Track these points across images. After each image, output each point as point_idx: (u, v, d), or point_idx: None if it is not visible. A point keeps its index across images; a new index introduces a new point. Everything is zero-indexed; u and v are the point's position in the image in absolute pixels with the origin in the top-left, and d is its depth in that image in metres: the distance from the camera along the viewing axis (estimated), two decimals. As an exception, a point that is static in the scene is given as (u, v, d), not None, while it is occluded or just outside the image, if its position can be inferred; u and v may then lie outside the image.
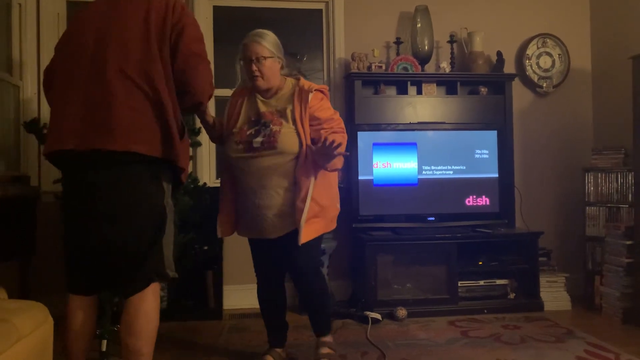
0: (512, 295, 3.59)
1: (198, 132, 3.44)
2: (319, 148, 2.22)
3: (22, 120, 3.35)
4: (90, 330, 1.99)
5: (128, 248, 1.87)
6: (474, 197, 3.69)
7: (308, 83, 2.41)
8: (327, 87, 2.52)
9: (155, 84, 1.85)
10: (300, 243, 2.27)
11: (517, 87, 4.01)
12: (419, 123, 3.75)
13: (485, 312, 3.48)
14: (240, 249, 2.89)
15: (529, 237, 3.64)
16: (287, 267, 2.49)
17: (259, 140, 2.29)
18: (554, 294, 3.62)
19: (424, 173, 3.65)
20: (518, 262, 3.61)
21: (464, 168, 3.69)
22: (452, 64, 3.91)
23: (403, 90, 3.86)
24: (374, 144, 3.60)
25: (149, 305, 1.90)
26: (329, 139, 2.17)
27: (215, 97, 3.59)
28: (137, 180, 1.86)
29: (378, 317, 3.28)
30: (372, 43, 3.90)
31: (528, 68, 4.08)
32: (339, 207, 2.51)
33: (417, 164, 3.64)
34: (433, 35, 3.85)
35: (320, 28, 4.03)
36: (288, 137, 2.29)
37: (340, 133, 2.38)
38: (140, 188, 1.87)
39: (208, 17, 3.86)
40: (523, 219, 3.92)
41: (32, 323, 1.93)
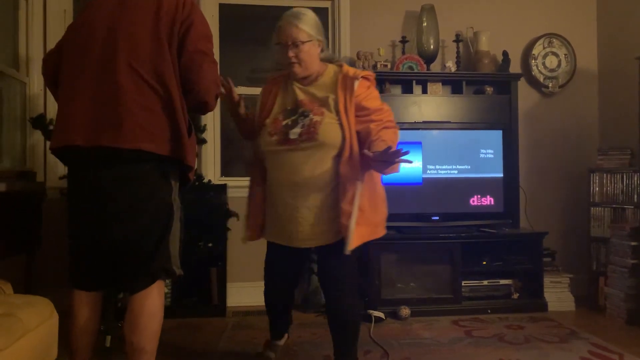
0: (516, 296, 3.58)
1: (203, 129, 3.45)
2: (378, 154, 1.92)
3: (28, 116, 3.36)
4: (95, 327, 1.99)
5: (135, 245, 1.87)
6: (479, 196, 3.69)
7: (353, 69, 2.16)
8: (374, 74, 2.21)
9: (165, 81, 1.84)
10: (349, 251, 2.01)
11: (522, 86, 4.00)
12: (424, 122, 3.75)
13: (489, 312, 3.47)
14: (245, 247, 2.88)
15: (534, 237, 3.64)
16: (322, 284, 2.23)
17: (297, 132, 2.04)
18: (558, 295, 3.61)
19: (429, 172, 3.65)
20: (522, 262, 3.61)
21: (469, 167, 3.68)
22: (457, 63, 3.90)
23: (408, 89, 3.85)
24: (379, 143, 3.59)
25: (154, 303, 1.90)
26: (384, 140, 1.96)
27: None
28: (145, 178, 1.86)
29: (381, 316, 3.28)
30: (377, 42, 3.90)
31: (534, 68, 4.07)
32: (386, 210, 2.22)
33: (421, 163, 3.63)
34: (439, 35, 3.85)
35: (326, 26, 4.02)
36: (330, 128, 2.04)
37: (392, 128, 2.12)
38: (149, 186, 1.87)
39: (214, 14, 3.86)
40: (527, 219, 3.91)
41: (37, 318, 1.95)
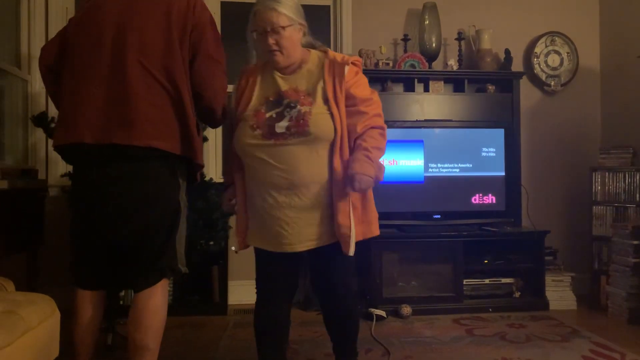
0: (517, 294, 3.58)
1: (204, 127, 3.45)
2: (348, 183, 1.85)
3: (30, 114, 3.36)
4: (98, 325, 1.99)
5: (143, 243, 1.87)
6: (480, 195, 3.68)
7: (340, 54, 2.00)
8: (361, 59, 2.06)
9: (176, 81, 1.84)
10: (352, 251, 1.88)
11: (524, 85, 4.00)
12: (426, 120, 3.75)
13: (491, 310, 3.47)
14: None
15: (535, 235, 3.63)
16: (318, 288, 2.09)
17: (284, 125, 1.85)
18: (560, 293, 3.60)
19: (430, 171, 3.64)
20: (524, 260, 3.60)
21: (471, 166, 3.68)
22: (459, 62, 3.90)
23: (410, 88, 3.85)
24: (381, 141, 3.59)
25: (158, 301, 1.90)
26: (357, 171, 1.82)
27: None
28: (155, 176, 1.86)
29: (383, 314, 3.28)
30: (379, 40, 3.90)
31: (536, 66, 4.06)
32: (375, 208, 2.07)
33: (423, 162, 3.63)
34: (441, 33, 3.84)
35: (328, 24, 4.02)
36: (321, 119, 1.87)
37: (379, 129, 1.95)
38: (158, 184, 1.87)
39: (216, 12, 3.86)
40: (529, 218, 3.91)
41: (39, 315, 1.95)
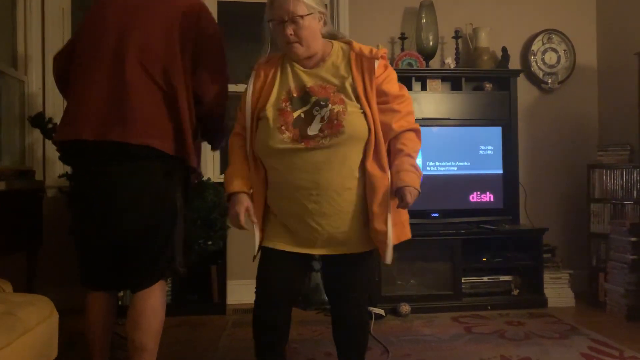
0: (516, 292, 3.58)
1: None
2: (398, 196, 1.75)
3: (27, 115, 3.35)
4: (110, 325, 2.02)
5: (140, 243, 1.87)
6: (478, 193, 3.68)
7: (367, 47, 1.86)
8: (386, 51, 1.88)
9: (173, 82, 1.87)
10: (390, 259, 1.77)
11: (522, 83, 4.00)
12: (423, 119, 3.74)
13: (489, 308, 3.48)
14: (244, 244, 2.89)
15: (534, 233, 3.64)
16: (334, 294, 1.96)
17: (317, 126, 1.71)
18: (558, 291, 3.61)
19: (428, 169, 3.64)
20: (522, 258, 3.61)
21: (469, 164, 3.68)
22: (456, 60, 3.90)
23: (407, 86, 3.76)
24: (378, 140, 3.59)
25: (156, 301, 1.91)
26: (411, 165, 1.75)
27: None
28: (151, 175, 1.87)
29: (382, 312, 3.28)
30: (376, 38, 3.89)
31: (533, 64, 4.06)
32: None
33: (421, 160, 3.63)
34: (438, 31, 3.84)
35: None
36: (356, 118, 1.73)
37: (414, 131, 1.83)
38: (154, 183, 1.88)
39: (213, 12, 3.84)
40: (527, 216, 3.91)
41: (37, 316, 1.94)
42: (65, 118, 1.92)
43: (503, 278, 3.60)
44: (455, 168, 3.67)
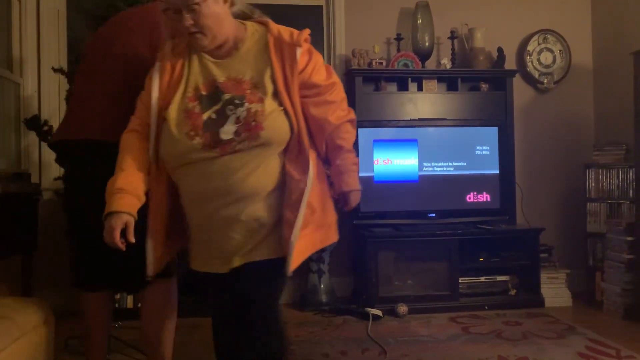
0: (513, 292, 3.59)
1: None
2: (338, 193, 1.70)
3: (22, 118, 3.34)
4: (107, 326, 2.06)
5: (138, 242, 1.88)
6: (475, 193, 3.69)
7: (287, 29, 1.59)
8: (308, 30, 1.63)
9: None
10: (292, 269, 1.52)
11: (518, 83, 4.00)
12: (420, 119, 3.75)
13: (486, 308, 3.48)
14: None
15: (530, 233, 3.64)
16: (232, 326, 1.75)
17: (231, 129, 1.47)
18: (555, 290, 3.62)
19: (425, 169, 3.65)
20: (519, 258, 3.61)
21: (465, 164, 3.68)
22: (452, 60, 3.90)
23: (404, 87, 3.85)
24: (375, 141, 3.60)
25: (168, 299, 1.97)
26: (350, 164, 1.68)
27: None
28: None
29: (379, 313, 3.28)
30: (372, 39, 3.90)
31: (529, 64, 4.07)
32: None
33: (417, 161, 3.63)
34: (434, 31, 3.84)
35: (321, 24, 4.02)
36: (276, 119, 1.50)
37: (348, 122, 1.69)
38: None
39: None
40: (524, 215, 3.92)
41: (33, 320, 1.94)
42: (60, 124, 2.07)
43: (500, 278, 3.60)
44: (452, 168, 3.68)
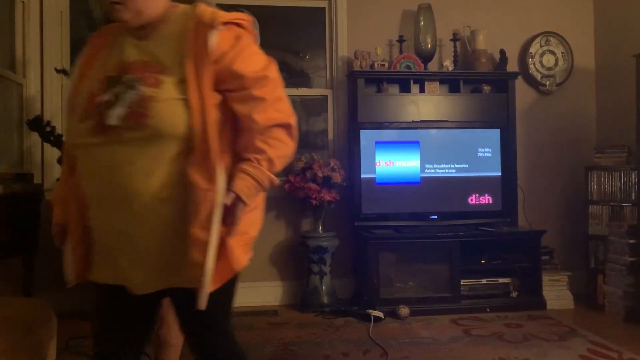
0: (514, 294, 3.58)
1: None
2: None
3: (25, 118, 3.35)
4: None
5: None
6: (477, 195, 3.69)
7: (212, 11, 1.36)
8: (248, 17, 1.42)
9: None
10: (203, 307, 1.28)
11: (520, 85, 4.01)
12: (422, 121, 3.75)
13: (488, 310, 3.47)
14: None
15: (532, 235, 3.64)
16: (192, 345, 1.51)
17: (119, 113, 1.26)
18: (557, 293, 3.61)
19: (427, 171, 3.65)
20: (521, 260, 3.61)
21: (467, 166, 3.68)
22: (455, 62, 3.91)
23: (406, 89, 3.85)
24: (377, 143, 3.60)
25: None
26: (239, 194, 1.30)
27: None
28: None
29: (380, 315, 3.28)
30: (374, 41, 3.90)
31: (531, 66, 4.07)
32: (260, 226, 1.47)
33: (419, 163, 3.63)
34: (436, 34, 3.85)
35: (323, 26, 4.03)
36: (169, 108, 1.27)
37: (281, 127, 1.36)
38: None
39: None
40: (526, 218, 3.91)
41: (35, 320, 1.94)
42: None
43: (502, 280, 3.60)
44: (454, 170, 3.68)
